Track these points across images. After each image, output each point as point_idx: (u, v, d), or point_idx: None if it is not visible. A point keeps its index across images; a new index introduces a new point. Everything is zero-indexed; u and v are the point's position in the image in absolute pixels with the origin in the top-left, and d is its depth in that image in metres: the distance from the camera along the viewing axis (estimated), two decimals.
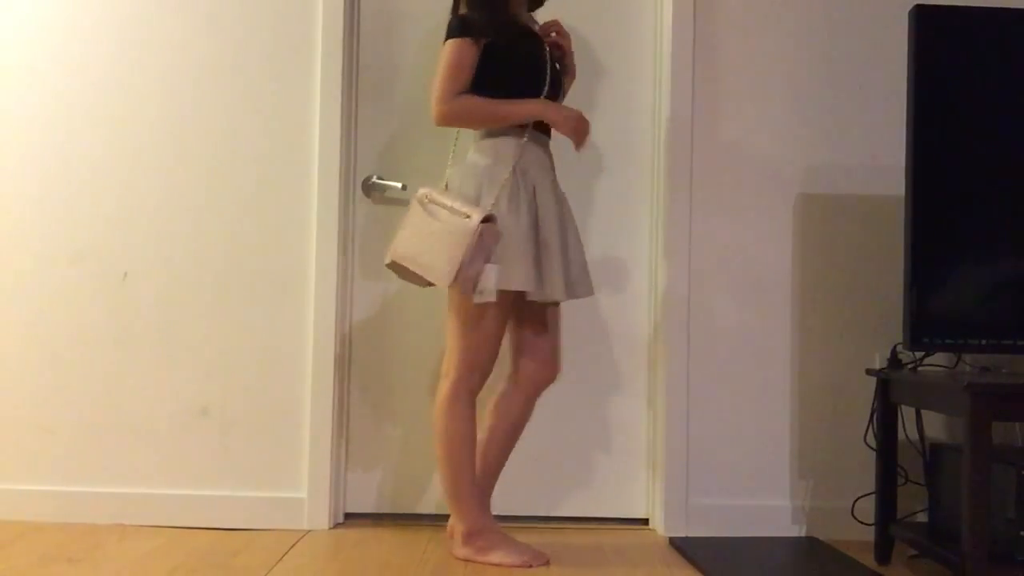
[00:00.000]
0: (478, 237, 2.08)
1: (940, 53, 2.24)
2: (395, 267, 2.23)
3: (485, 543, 2.25)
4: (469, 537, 2.26)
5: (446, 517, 2.70)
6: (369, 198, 2.74)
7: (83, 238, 2.65)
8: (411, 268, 2.16)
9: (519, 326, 2.34)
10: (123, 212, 2.65)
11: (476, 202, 2.17)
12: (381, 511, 2.72)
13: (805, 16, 2.70)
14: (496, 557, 2.23)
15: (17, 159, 2.66)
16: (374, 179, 2.72)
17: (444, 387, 2.26)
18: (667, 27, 2.69)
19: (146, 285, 2.64)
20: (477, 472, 2.28)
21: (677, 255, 2.66)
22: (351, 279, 2.72)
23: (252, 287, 2.65)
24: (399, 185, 2.69)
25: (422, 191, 2.21)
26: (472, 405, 2.25)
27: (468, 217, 2.09)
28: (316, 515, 2.60)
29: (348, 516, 2.71)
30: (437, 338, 2.72)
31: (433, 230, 2.13)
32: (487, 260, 2.11)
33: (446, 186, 2.28)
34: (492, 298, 2.11)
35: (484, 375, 2.27)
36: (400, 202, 2.73)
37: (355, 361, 2.72)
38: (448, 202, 2.14)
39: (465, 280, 2.10)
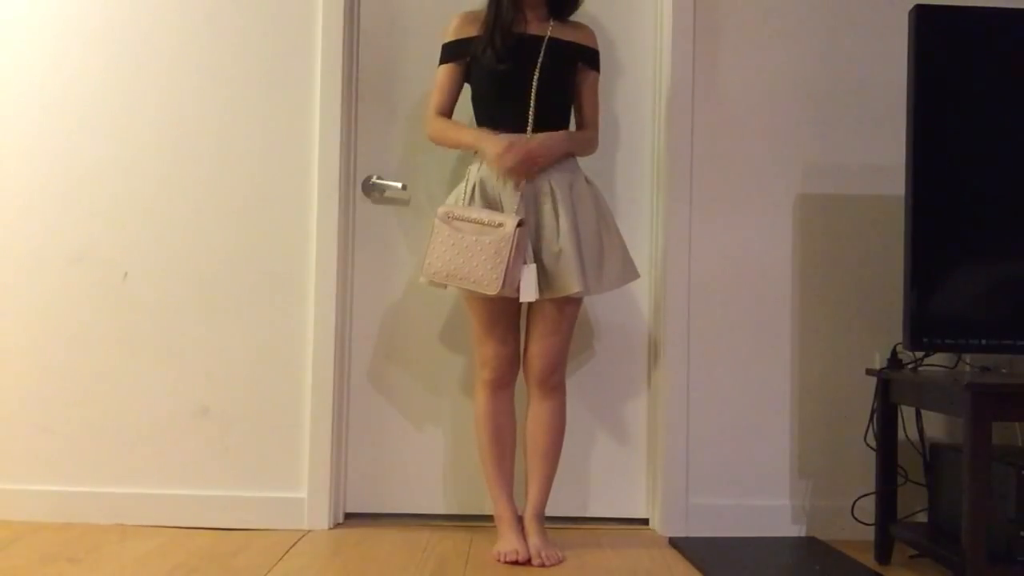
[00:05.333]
0: (516, 242, 2.18)
1: (940, 53, 2.24)
2: (433, 284, 2.34)
3: (499, 530, 2.38)
4: (496, 521, 2.41)
5: (446, 517, 2.71)
6: (369, 198, 2.74)
7: (83, 238, 2.65)
8: (453, 285, 2.27)
9: (528, 325, 2.40)
10: (123, 212, 2.65)
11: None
12: (381, 511, 2.72)
13: (805, 16, 2.70)
14: (496, 546, 2.34)
15: (17, 159, 2.66)
16: (374, 179, 2.72)
17: None
18: (667, 26, 2.69)
19: (146, 285, 2.64)
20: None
21: (677, 255, 2.66)
22: (351, 279, 2.72)
23: (252, 287, 2.65)
24: (399, 185, 2.69)
25: (442, 209, 2.30)
26: (488, 396, 2.40)
27: (501, 226, 2.19)
28: (316, 515, 2.60)
29: (348, 516, 2.71)
30: (437, 338, 2.73)
31: (467, 244, 2.23)
32: (525, 261, 2.23)
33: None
34: (535, 296, 2.23)
35: (492, 368, 2.37)
36: (400, 202, 2.73)
37: (355, 361, 2.72)
38: (474, 215, 2.25)
39: (512, 284, 2.21)
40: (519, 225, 2.20)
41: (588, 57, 2.42)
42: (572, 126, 2.45)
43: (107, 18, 2.67)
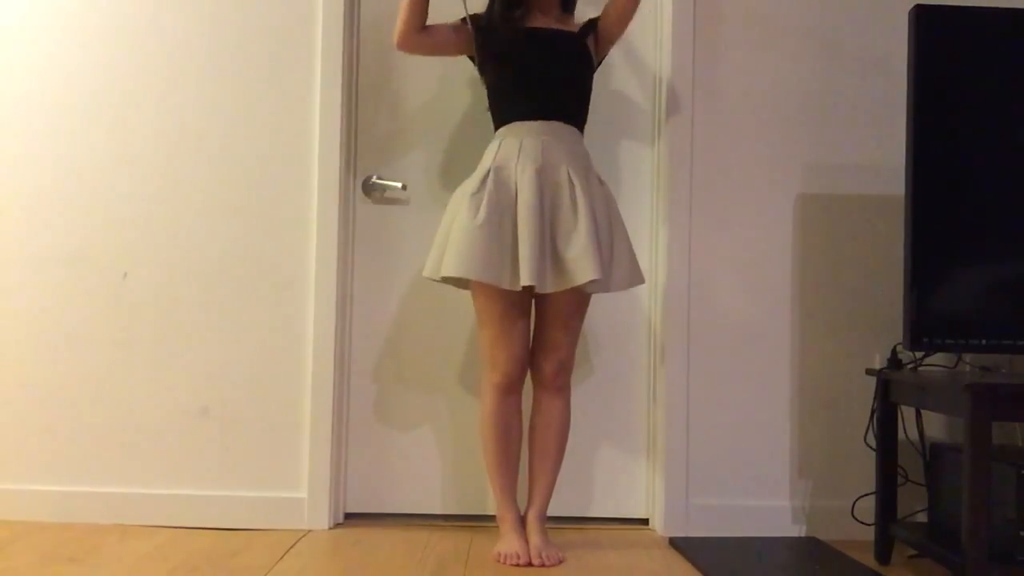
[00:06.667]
0: None
1: (940, 53, 2.24)
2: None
3: (501, 531, 2.38)
4: (498, 522, 2.41)
5: (446, 517, 2.71)
6: (369, 198, 2.74)
7: (83, 238, 2.65)
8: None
9: (536, 324, 2.40)
10: (123, 212, 2.65)
11: (459, 200, 2.32)
12: (381, 511, 2.72)
13: (805, 16, 2.70)
14: (497, 546, 2.34)
15: (17, 159, 2.66)
16: (374, 179, 2.72)
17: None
18: (667, 26, 2.69)
19: (146, 285, 2.64)
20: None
21: (677, 255, 2.66)
22: (351, 279, 2.72)
23: (252, 287, 2.65)
24: (399, 185, 2.69)
25: None
26: (498, 399, 2.36)
27: None
28: (316, 515, 2.60)
29: (348, 516, 2.71)
30: (437, 338, 2.73)
31: None
32: None
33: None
34: None
35: (503, 372, 2.33)
36: (400, 202, 2.73)
37: (355, 361, 2.72)
38: None
39: None
40: None
41: (591, 24, 2.42)
42: (585, 128, 2.43)
43: (107, 18, 2.67)
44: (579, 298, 2.34)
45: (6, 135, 2.66)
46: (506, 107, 2.37)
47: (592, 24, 2.42)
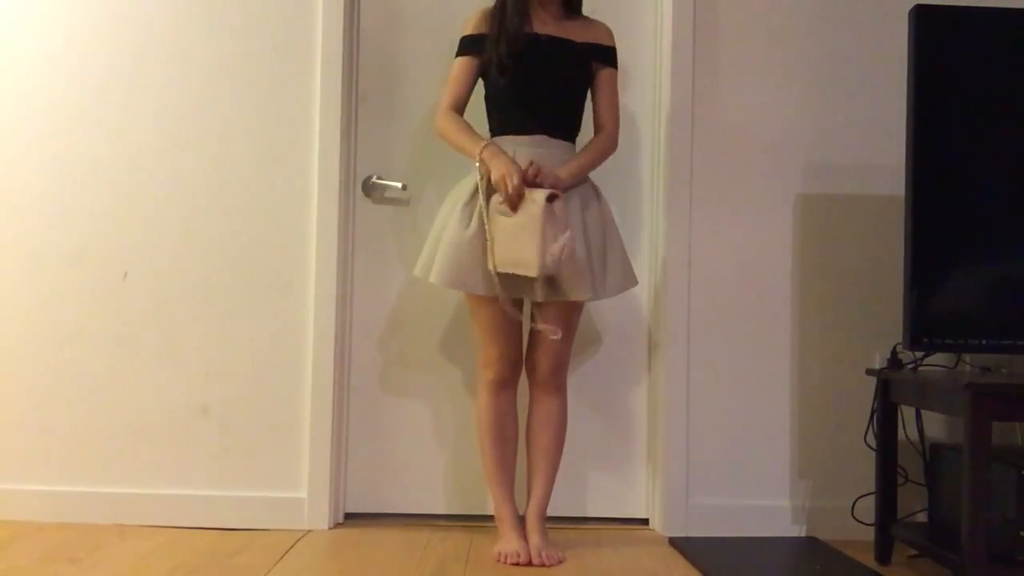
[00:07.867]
0: (548, 216, 2.13)
1: (940, 53, 2.24)
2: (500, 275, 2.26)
3: (500, 531, 2.38)
4: (496, 522, 2.41)
5: (446, 517, 2.71)
6: (369, 198, 2.74)
7: (83, 238, 2.65)
8: (510, 271, 2.20)
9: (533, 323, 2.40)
10: (123, 212, 2.65)
11: (452, 205, 2.32)
12: (381, 511, 2.72)
13: (805, 16, 2.70)
14: (497, 546, 2.34)
15: (17, 159, 2.66)
16: (374, 179, 2.72)
17: None
18: (667, 26, 2.69)
19: (146, 285, 2.64)
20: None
21: (677, 255, 2.66)
22: (351, 279, 2.72)
23: (252, 287, 2.65)
24: (399, 185, 2.70)
25: (494, 200, 2.25)
26: (491, 396, 2.38)
27: (533, 202, 2.15)
28: (316, 515, 2.59)
29: (348, 516, 2.71)
30: (437, 337, 2.73)
31: (505, 225, 2.19)
32: (564, 230, 2.15)
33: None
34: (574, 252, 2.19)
35: (496, 369, 2.36)
36: (400, 202, 2.73)
37: (355, 361, 2.72)
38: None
39: (555, 261, 2.13)
40: (549, 200, 2.14)
41: (602, 55, 2.40)
42: (578, 135, 2.43)
43: (106, 17, 2.67)
44: (572, 305, 2.34)
45: (6, 135, 2.66)
46: (500, 118, 2.37)
47: (602, 56, 2.39)
